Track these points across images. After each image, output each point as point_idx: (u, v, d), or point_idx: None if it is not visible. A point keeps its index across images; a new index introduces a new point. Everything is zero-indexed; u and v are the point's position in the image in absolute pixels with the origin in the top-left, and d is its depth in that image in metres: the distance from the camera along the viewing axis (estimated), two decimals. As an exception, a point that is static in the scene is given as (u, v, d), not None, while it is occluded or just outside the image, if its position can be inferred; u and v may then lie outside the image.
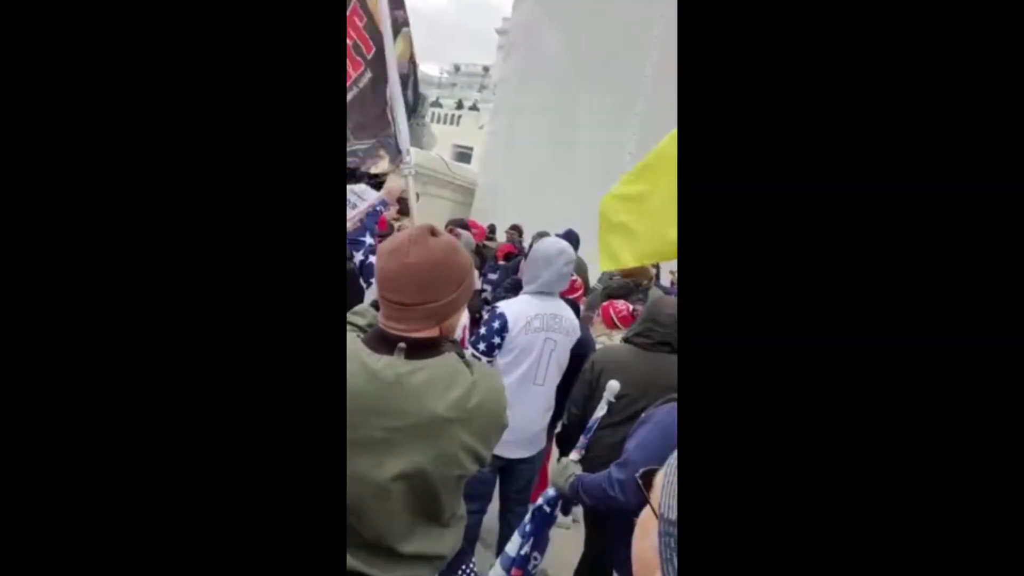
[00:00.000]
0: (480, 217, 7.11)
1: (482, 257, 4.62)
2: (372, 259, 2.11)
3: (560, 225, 3.86)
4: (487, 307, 2.38)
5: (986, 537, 0.42)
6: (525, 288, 2.14)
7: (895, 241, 0.46)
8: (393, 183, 2.32)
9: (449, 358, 0.93)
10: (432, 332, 0.94)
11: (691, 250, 0.52)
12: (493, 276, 4.03)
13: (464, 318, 1.81)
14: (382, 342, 0.92)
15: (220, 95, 0.58)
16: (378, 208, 2.26)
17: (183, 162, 0.56)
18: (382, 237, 3.21)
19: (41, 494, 0.50)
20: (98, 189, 0.53)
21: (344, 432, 0.70)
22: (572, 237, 3.41)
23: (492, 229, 6.18)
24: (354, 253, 2.08)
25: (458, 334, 1.33)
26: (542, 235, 3.33)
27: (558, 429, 2.13)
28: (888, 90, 0.48)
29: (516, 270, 3.30)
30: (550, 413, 2.17)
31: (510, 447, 2.00)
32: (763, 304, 0.49)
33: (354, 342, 0.93)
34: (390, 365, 0.89)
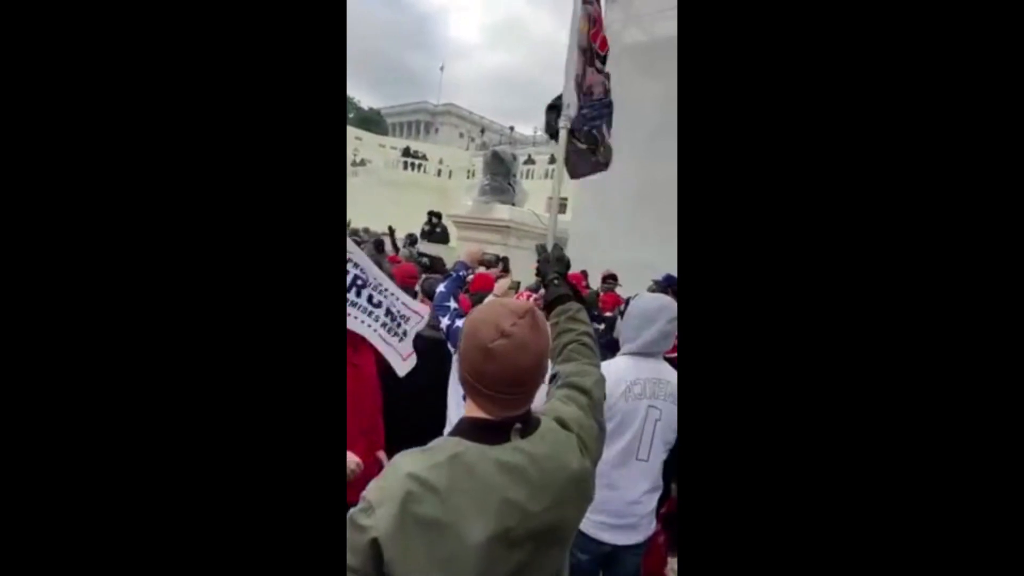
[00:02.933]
0: (578, 263, 7.03)
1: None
2: (459, 323, 2.07)
3: (652, 273, 3.62)
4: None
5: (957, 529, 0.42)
6: (623, 348, 1.95)
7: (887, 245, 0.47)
8: (471, 247, 2.30)
9: (537, 416, 0.91)
10: None
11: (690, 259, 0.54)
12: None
13: None
14: (491, 432, 0.86)
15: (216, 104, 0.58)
16: (461, 273, 2.25)
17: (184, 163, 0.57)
18: (478, 298, 3.22)
19: (63, 488, 0.50)
20: (144, 205, 0.55)
21: (344, 433, 0.72)
22: (672, 282, 3.15)
23: (585, 275, 6.03)
24: (440, 318, 2.05)
25: None
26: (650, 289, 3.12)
27: (664, 509, 1.84)
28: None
29: (611, 328, 3.09)
30: (658, 493, 1.90)
31: (613, 531, 1.76)
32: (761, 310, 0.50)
33: (469, 451, 0.83)
34: (516, 450, 0.85)
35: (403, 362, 2.06)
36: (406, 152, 24.43)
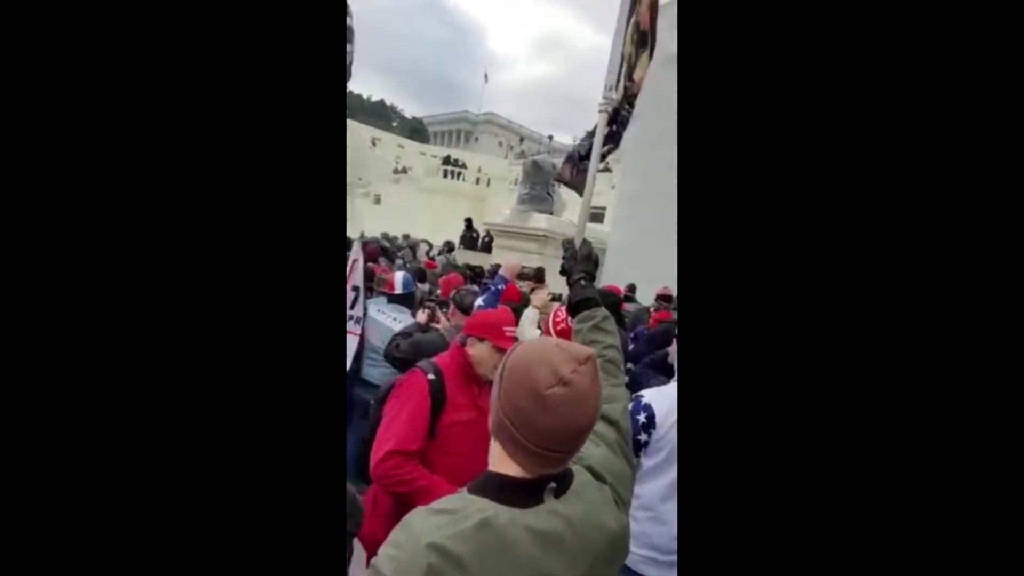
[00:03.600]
0: (613, 277, 6.84)
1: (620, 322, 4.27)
2: (498, 339, 1.98)
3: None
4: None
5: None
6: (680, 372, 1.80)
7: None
8: (510, 260, 2.23)
9: (573, 471, 0.81)
10: None
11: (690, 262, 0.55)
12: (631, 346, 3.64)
13: None
14: (524, 493, 0.75)
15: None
16: (500, 287, 2.16)
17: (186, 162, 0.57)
18: (515, 311, 3.12)
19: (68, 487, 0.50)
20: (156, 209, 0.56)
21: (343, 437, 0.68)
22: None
23: (632, 288, 5.83)
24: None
25: None
26: None
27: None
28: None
29: (664, 341, 2.90)
30: (710, 534, 1.74)
31: (659, 568, 1.63)
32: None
33: (499, 516, 0.72)
34: (552, 515, 0.75)
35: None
36: (446, 160, 24.77)
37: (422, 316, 2.85)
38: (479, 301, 2.12)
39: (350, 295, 2.52)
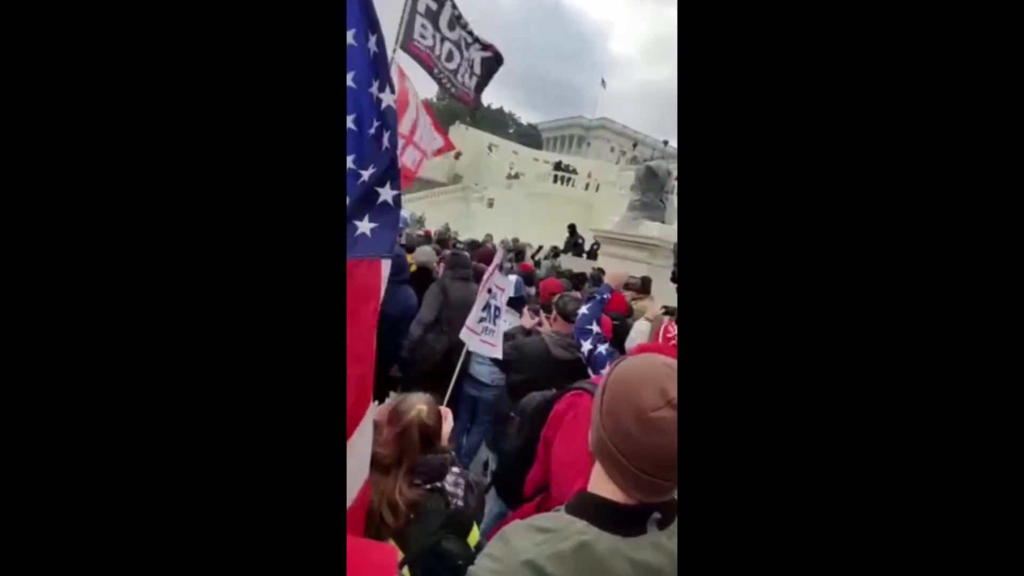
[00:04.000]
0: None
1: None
2: (601, 348, 1.98)
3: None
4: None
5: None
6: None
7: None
8: (617, 270, 2.20)
9: (674, 500, 0.75)
10: None
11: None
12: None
13: None
14: (626, 520, 0.71)
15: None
16: (605, 296, 2.15)
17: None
18: (619, 321, 3.08)
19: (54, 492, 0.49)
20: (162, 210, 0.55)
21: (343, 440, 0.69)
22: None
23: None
24: (582, 342, 1.98)
25: None
26: None
27: None
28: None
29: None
30: None
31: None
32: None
33: (599, 542, 0.70)
34: (656, 548, 0.70)
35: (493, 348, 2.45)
36: (557, 166, 24.92)
37: (528, 320, 2.93)
38: (583, 309, 2.12)
39: (483, 299, 2.60)
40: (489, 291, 2.64)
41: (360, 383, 1.11)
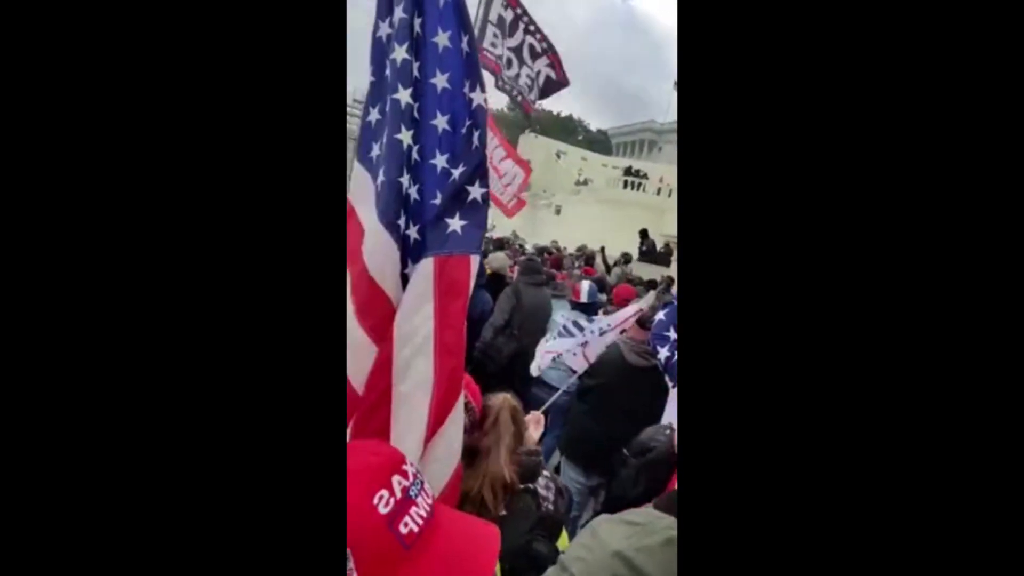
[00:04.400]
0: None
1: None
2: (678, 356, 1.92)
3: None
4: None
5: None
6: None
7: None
8: None
9: None
10: None
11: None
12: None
13: None
14: None
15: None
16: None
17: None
18: None
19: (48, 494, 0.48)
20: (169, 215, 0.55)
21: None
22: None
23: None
24: (658, 348, 1.94)
25: None
26: None
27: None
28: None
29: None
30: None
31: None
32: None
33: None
34: None
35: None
36: (627, 171, 24.44)
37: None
38: (659, 315, 2.08)
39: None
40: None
41: (451, 375, 1.15)
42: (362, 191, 1.28)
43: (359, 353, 1.17)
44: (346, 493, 0.57)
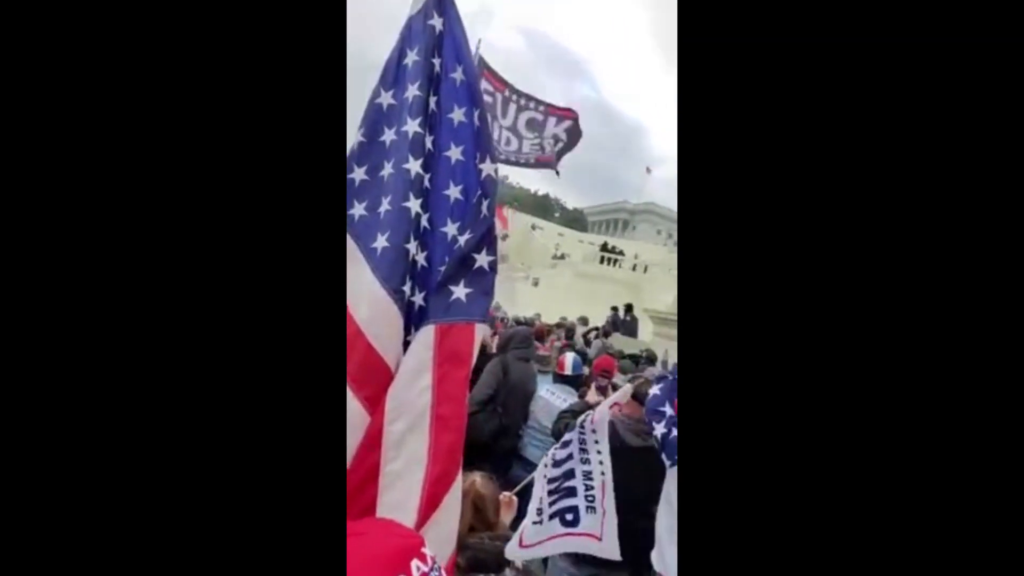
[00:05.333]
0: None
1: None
2: (676, 432, 1.86)
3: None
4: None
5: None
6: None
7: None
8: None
9: None
10: None
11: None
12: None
13: None
14: None
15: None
16: (675, 376, 2.05)
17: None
18: None
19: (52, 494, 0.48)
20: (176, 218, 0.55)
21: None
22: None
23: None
24: (654, 425, 1.87)
25: None
26: None
27: None
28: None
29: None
30: None
31: None
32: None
33: None
34: None
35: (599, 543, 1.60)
36: (603, 247, 25.28)
37: (592, 395, 2.83)
38: (654, 389, 2.03)
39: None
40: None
41: (448, 452, 1.07)
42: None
43: (352, 424, 1.08)
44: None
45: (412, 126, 1.22)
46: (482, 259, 1.21)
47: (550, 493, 1.66)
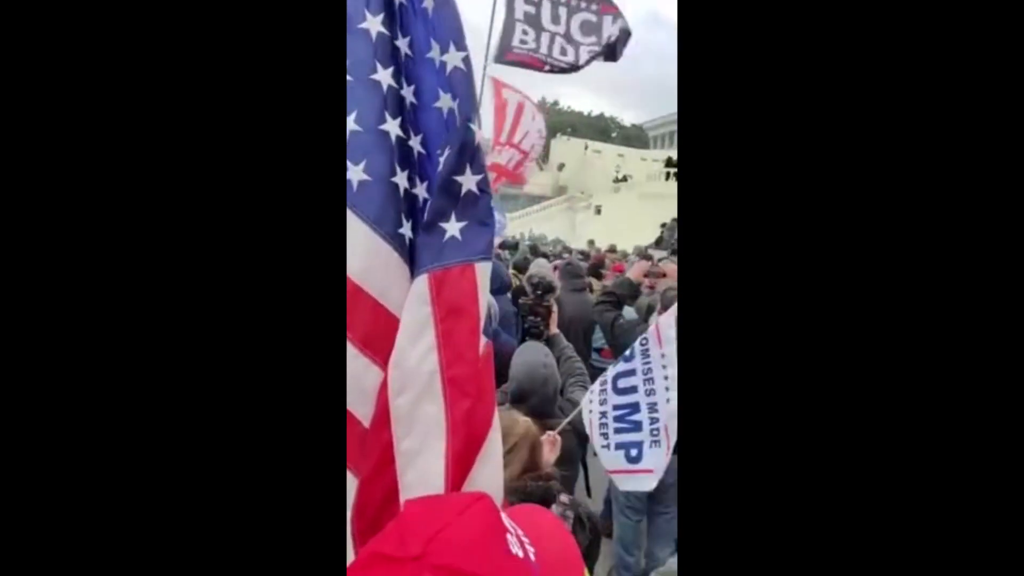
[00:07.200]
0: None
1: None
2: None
3: None
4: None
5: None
6: None
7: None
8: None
9: None
10: None
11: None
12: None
13: None
14: None
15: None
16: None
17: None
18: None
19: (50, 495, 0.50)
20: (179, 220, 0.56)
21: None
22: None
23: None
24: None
25: None
26: None
27: None
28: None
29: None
30: None
31: None
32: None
33: None
34: None
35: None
36: (668, 162, 23.64)
37: (638, 270, 2.69)
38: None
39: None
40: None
41: (468, 418, 0.88)
42: None
43: (373, 391, 0.92)
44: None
45: (374, 24, 0.96)
46: (466, 180, 0.91)
47: (615, 420, 1.60)
